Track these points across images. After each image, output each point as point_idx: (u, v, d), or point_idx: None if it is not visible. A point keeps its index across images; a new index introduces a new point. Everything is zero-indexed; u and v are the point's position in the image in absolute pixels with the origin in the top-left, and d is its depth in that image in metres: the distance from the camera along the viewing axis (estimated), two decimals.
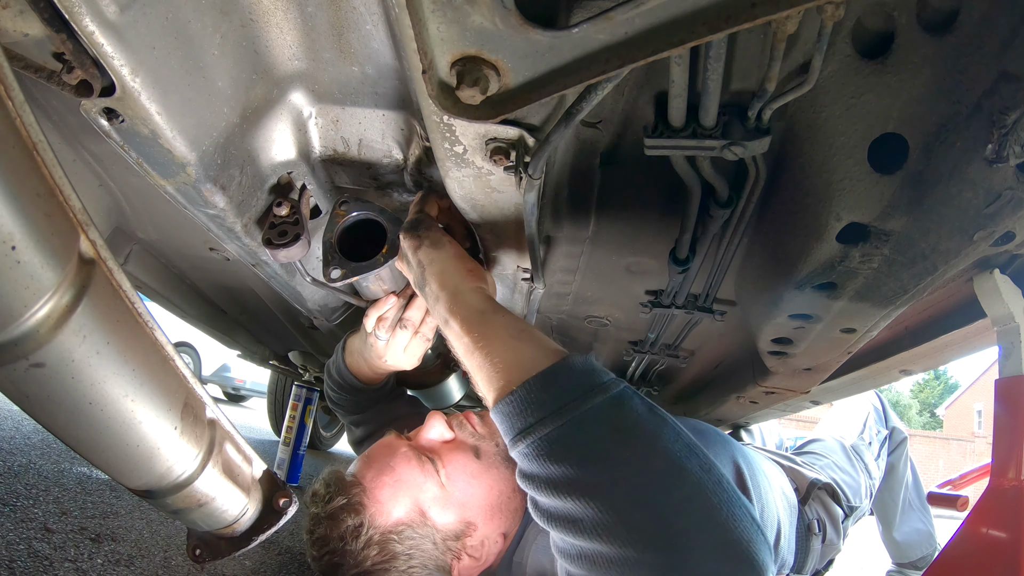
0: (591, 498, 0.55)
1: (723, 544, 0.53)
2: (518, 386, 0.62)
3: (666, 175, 0.92)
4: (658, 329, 1.43)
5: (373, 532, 0.90)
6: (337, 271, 0.90)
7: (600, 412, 0.58)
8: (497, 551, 1.00)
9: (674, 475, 0.56)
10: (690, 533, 0.53)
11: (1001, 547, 0.99)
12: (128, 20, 0.53)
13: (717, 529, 0.54)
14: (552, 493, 0.58)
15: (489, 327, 0.69)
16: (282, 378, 3.62)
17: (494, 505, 0.99)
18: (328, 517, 0.92)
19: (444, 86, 0.54)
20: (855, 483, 1.87)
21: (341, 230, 0.92)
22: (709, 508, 0.55)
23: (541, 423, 0.59)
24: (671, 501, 0.54)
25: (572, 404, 0.59)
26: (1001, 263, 1.01)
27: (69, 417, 0.54)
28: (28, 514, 1.30)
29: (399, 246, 0.88)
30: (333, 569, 0.92)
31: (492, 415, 0.66)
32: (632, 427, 0.58)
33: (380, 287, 1.01)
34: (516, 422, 0.61)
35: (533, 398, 0.60)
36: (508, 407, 0.62)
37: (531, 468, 0.60)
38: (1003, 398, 1.04)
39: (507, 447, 0.65)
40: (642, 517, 0.54)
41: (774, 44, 0.59)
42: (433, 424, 1.04)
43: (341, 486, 0.94)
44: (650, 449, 0.57)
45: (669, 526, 0.54)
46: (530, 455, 0.60)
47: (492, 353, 0.66)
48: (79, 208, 0.49)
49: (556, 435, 0.58)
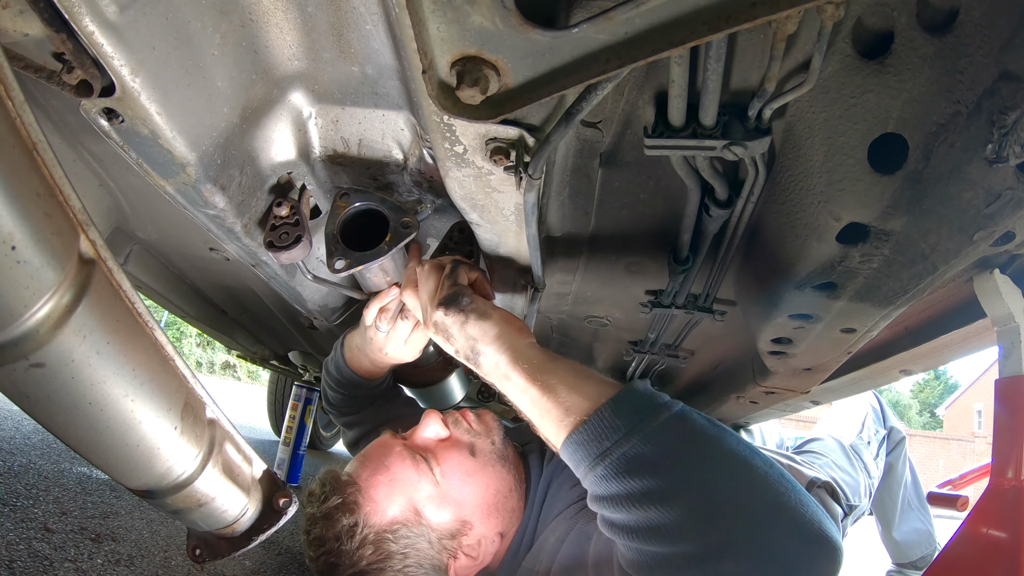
0: (672, 502, 0.59)
1: (798, 528, 0.57)
2: (590, 415, 0.67)
3: (666, 175, 0.92)
4: (658, 329, 1.43)
5: (368, 531, 0.91)
6: (341, 262, 0.89)
7: (668, 427, 0.64)
8: (494, 551, 1.00)
9: (743, 472, 0.61)
10: (767, 522, 0.57)
11: (1001, 547, 0.99)
12: (128, 20, 0.53)
13: (790, 515, 0.58)
14: (634, 506, 0.61)
15: (551, 375, 0.74)
16: (282, 378, 3.62)
17: (490, 504, 0.99)
18: (324, 517, 0.92)
19: (444, 86, 0.54)
20: (854, 482, 1.88)
21: (343, 221, 0.91)
22: (779, 497, 0.59)
23: (617, 444, 0.64)
24: (745, 495, 0.59)
25: (642, 424, 0.64)
26: (1001, 263, 1.01)
27: (69, 417, 0.54)
28: (28, 514, 1.30)
29: (402, 233, 0.88)
30: (330, 569, 0.92)
31: (563, 449, 0.69)
32: (698, 436, 0.64)
33: (383, 278, 1.01)
34: (592, 448, 0.65)
35: (606, 424, 0.65)
36: (583, 435, 0.67)
37: (609, 488, 0.64)
38: (1003, 398, 1.04)
39: (581, 477, 0.69)
40: (722, 513, 0.58)
41: (774, 44, 0.59)
42: (429, 422, 1.04)
43: (336, 486, 0.95)
44: (718, 452, 0.63)
45: (747, 518, 0.58)
46: (608, 475, 0.64)
47: (558, 396, 0.71)
48: (79, 208, 0.49)
49: (632, 452, 0.63)
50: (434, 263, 0.90)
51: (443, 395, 1.50)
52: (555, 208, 1.01)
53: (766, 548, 0.57)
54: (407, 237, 0.90)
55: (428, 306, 0.86)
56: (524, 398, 0.76)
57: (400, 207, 0.91)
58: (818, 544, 0.58)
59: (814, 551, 0.57)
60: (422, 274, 0.90)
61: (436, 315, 0.82)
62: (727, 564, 0.57)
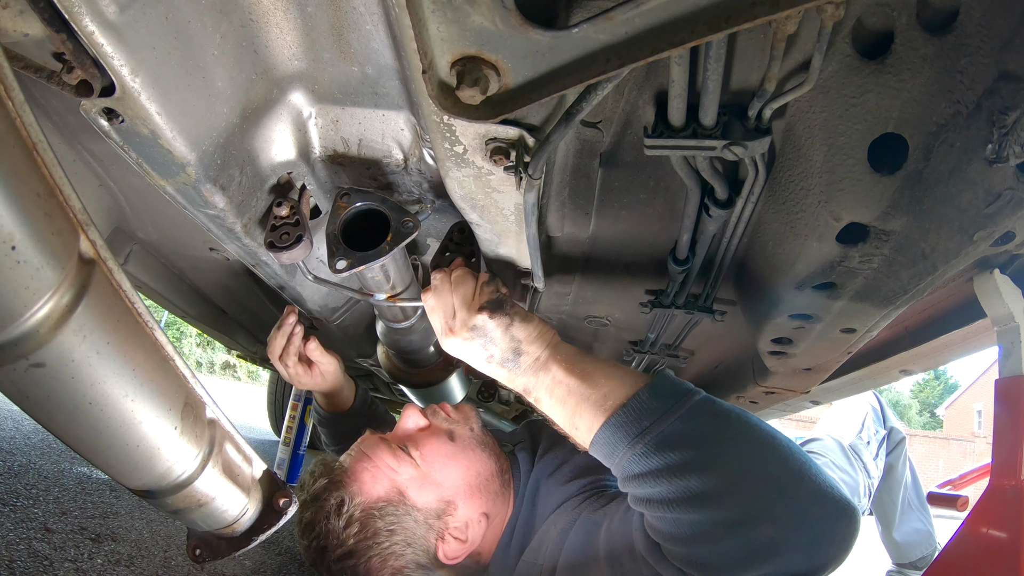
0: (712, 472, 0.65)
1: (818, 492, 0.64)
2: (629, 399, 0.73)
3: (666, 175, 0.92)
4: (658, 329, 1.43)
5: (354, 509, 0.94)
6: (343, 262, 0.89)
7: (699, 407, 0.71)
8: (482, 533, 1.02)
9: (769, 444, 0.68)
10: (795, 489, 0.64)
11: (1001, 547, 0.99)
12: (128, 20, 0.53)
13: (811, 481, 0.65)
14: (675, 476, 0.67)
15: (587, 365, 0.80)
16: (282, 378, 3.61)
17: (472, 484, 1.03)
18: (313, 499, 0.96)
19: (444, 86, 0.54)
20: (853, 482, 1.88)
21: (344, 222, 0.91)
22: (802, 467, 0.66)
23: (656, 423, 0.70)
24: (774, 466, 0.66)
25: (677, 406, 0.71)
26: (1001, 263, 1.01)
27: (69, 417, 0.54)
28: (28, 514, 1.30)
29: (403, 233, 0.89)
30: (320, 553, 0.94)
31: (602, 431, 0.74)
32: (727, 415, 0.71)
33: (384, 278, 1.01)
34: (632, 428, 0.71)
35: (644, 406, 0.72)
36: (622, 418, 0.72)
37: (649, 464, 0.69)
38: (1003, 398, 1.04)
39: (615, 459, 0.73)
40: (756, 482, 0.65)
41: (774, 44, 0.59)
42: (408, 414, 1.09)
43: (323, 469, 1.00)
44: (746, 427, 0.69)
45: (778, 486, 0.64)
46: (649, 451, 0.69)
47: (597, 383, 0.77)
48: (79, 208, 0.49)
49: (670, 430, 0.69)
50: (465, 270, 0.90)
51: (443, 395, 1.50)
52: (555, 208, 1.01)
53: (796, 512, 0.63)
54: (409, 237, 0.90)
55: (463, 310, 0.86)
56: (560, 390, 0.80)
57: (401, 207, 0.91)
58: (838, 507, 0.64)
59: (835, 513, 0.64)
60: (456, 279, 0.89)
61: (477, 319, 0.84)
62: (764, 527, 0.63)
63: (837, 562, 0.64)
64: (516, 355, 0.83)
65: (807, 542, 0.63)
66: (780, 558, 0.62)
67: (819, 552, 0.63)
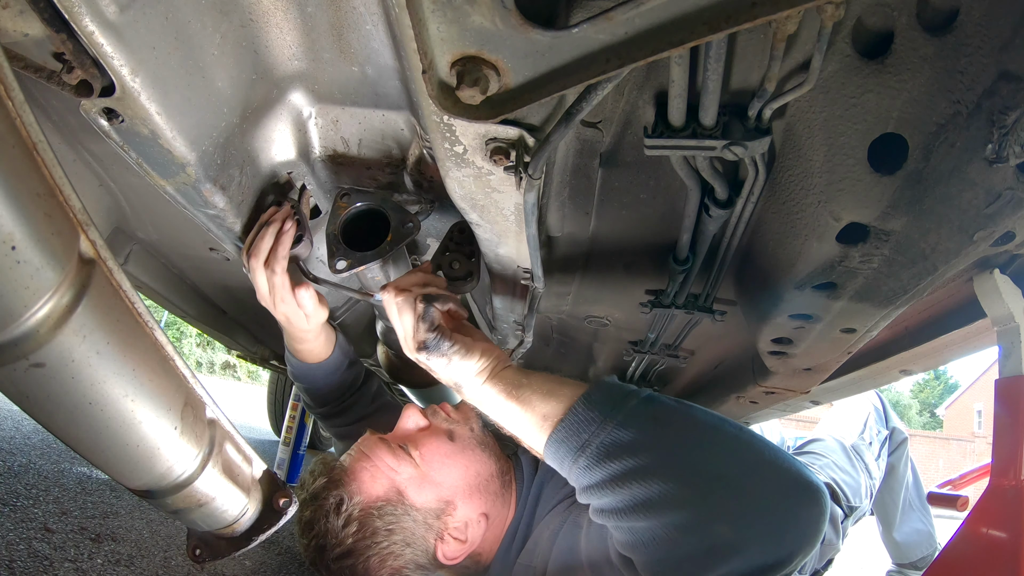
0: (655, 476, 0.63)
1: (778, 480, 0.61)
2: (565, 414, 0.72)
3: (666, 175, 0.92)
4: (658, 329, 1.43)
5: (353, 508, 0.94)
6: (343, 262, 0.89)
7: (639, 410, 0.69)
8: (482, 534, 1.02)
9: (717, 439, 0.66)
10: (744, 480, 0.61)
11: (1001, 547, 0.99)
12: (128, 20, 0.53)
13: (769, 470, 0.62)
14: (619, 486, 0.65)
15: (525, 389, 0.79)
16: (282, 378, 3.61)
17: (472, 484, 1.02)
18: (312, 498, 0.96)
19: (444, 86, 0.54)
20: (855, 483, 1.88)
21: (344, 221, 0.92)
22: (755, 454, 0.63)
23: (594, 435, 0.68)
24: (722, 459, 0.64)
25: (614, 412, 0.69)
26: (1001, 263, 1.01)
27: (69, 417, 0.54)
28: (28, 514, 1.30)
29: (403, 233, 0.89)
30: (319, 552, 0.94)
31: (547, 451, 0.74)
32: (668, 414, 0.69)
33: (383, 278, 1.01)
34: (572, 443, 0.70)
35: (581, 418, 0.70)
36: (561, 433, 0.71)
37: (593, 476, 0.68)
38: (1003, 398, 1.04)
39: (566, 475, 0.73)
40: (704, 478, 0.62)
41: (774, 44, 0.59)
42: (408, 414, 1.09)
43: (323, 468, 1.00)
44: (689, 425, 0.68)
45: (729, 479, 0.62)
46: (591, 463, 0.68)
47: (534, 406, 0.76)
48: (79, 208, 0.49)
49: (609, 439, 0.67)
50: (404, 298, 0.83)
51: (443, 395, 1.50)
52: (555, 208, 1.01)
53: (752, 504, 0.60)
54: (408, 237, 0.90)
55: (407, 340, 0.84)
56: (506, 416, 0.80)
57: (401, 207, 0.91)
58: (799, 491, 0.61)
59: (796, 498, 0.61)
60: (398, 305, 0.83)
61: (418, 356, 0.84)
62: (719, 527, 0.60)
63: (808, 547, 0.61)
64: (458, 387, 0.84)
65: (769, 533, 0.60)
66: (743, 553, 0.60)
67: (784, 541, 0.61)
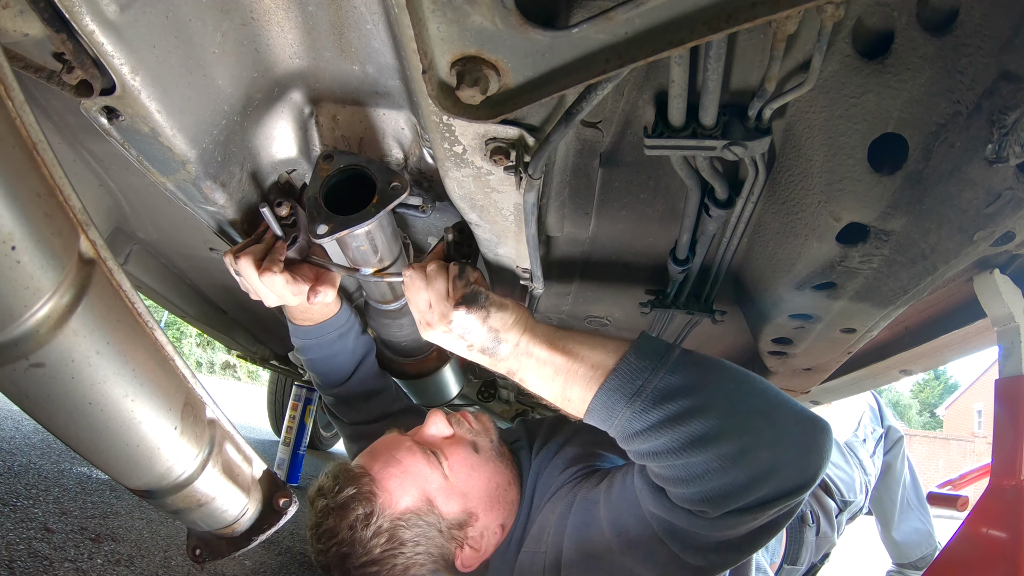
0: (708, 413, 0.73)
1: (796, 415, 0.74)
2: (618, 364, 0.78)
3: (666, 175, 0.92)
4: (658, 329, 1.43)
5: (383, 521, 0.93)
6: (324, 227, 0.81)
7: (684, 360, 0.78)
8: (495, 543, 1.03)
9: (750, 383, 0.77)
10: (775, 413, 0.74)
11: (1001, 547, 0.99)
12: (128, 19, 0.53)
13: (789, 407, 0.75)
14: (677, 424, 0.73)
15: (567, 341, 0.83)
16: (282, 378, 3.61)
17: (493, 496, 1.03)
18: (338, 507, 0.94)
19: (444, 86, 0.54)
20: (848, 478, 1.88)
21: (328, 187, 0.83)
22: (776, 395, 0.76)
23: (648, 380, 0.76)
24: (758, 399, 0.76)
25: (664, 361, 0.77)
26: (1001, 263, 1.01)
27: (69, 417, 0.54)
28: (28, 514, 1.30)
29: (390, 195, 0.84)
30: (340, 560, 0.93)
31: (597, 399, 0.79)
32: (706, 362, 0.79)
33: (371, 250, 0.93)
34: (627, 389, 0.77)
35: (634, 367, 0.77)
36: (615, 381, 0.77)
37: (649, 418, 0.75)
38: (1003, 398, 1.04)
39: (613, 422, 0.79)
40: (747, 414, 0.74)
41: (774, 44, 0.59)
42: (435, 420, 1.08)
43: (349, 477, 0.96)
44: (727, 372, 0.78)
45: (762, 412, 0.74)
46: (647, 407, 0.75)
47: (582, 357, 0.81)
48: (79, 208, 0.49)
49: (663, 384, 0.75)
50: (438, 264, 0.88)
51: (437, 388, 1.46)
52: (555, 208, 1.01)
53: (784, 433, 0.73)
54: (396, 199, 0.83)
55: (441, 306, 0.85)
56: (547, 369, 0.82)
57: (388, 167, 0.84)
58: (814, 423, 0.74)
59: (813, 429, 0.74)
60: (430, 274, 0.87)
61: (455, 314, 0.83)
62: (761, 451, 0.71)
63: (822, 471, 0.74)
64: (496, 343, 0.84)
65: (798, 457, 0.73)
66: (778, 475, 0.72)
67: (809, 464, 0.73)
